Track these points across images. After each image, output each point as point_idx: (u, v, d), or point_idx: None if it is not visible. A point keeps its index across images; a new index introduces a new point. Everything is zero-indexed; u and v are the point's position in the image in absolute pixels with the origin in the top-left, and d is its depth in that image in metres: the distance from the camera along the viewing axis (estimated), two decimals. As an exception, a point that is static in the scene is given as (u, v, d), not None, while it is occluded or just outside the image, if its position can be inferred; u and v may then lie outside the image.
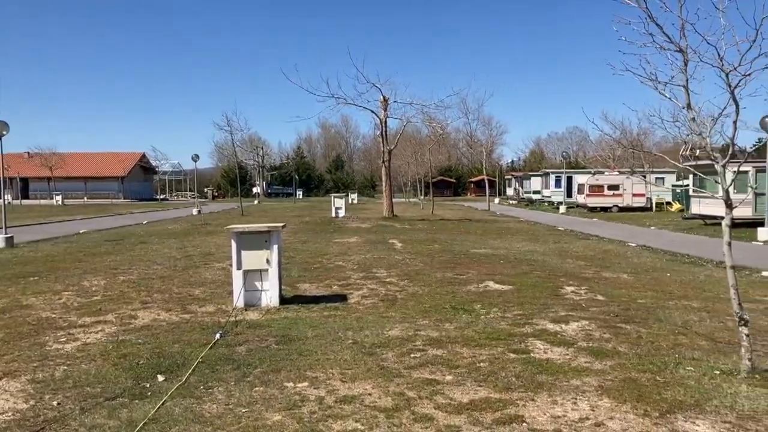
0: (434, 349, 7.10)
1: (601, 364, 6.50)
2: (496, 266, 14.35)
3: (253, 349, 7.18)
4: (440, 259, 15.69)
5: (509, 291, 11.00)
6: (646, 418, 4.97)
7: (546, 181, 55.08)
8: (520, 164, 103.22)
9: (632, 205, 42.40)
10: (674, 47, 5.95)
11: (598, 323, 8.42)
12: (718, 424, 4.84)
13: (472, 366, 6.43)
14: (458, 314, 9.03)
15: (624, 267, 14.54)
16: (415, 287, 11.44)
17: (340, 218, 34.69)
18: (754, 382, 5.77)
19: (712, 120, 6.40)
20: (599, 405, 5.28)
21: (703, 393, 5.52)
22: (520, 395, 5.53)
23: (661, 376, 6.05)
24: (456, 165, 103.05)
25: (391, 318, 8.81)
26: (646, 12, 5.85)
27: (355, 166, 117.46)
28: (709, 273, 13.49)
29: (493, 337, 7.63)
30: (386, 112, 34.86)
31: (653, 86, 6.32)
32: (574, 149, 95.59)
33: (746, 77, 5.80)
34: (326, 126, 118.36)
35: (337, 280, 12.36)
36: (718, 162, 6.30)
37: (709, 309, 9.42)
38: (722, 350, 6.98)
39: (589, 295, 10.62)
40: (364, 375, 6.16)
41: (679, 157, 9.65)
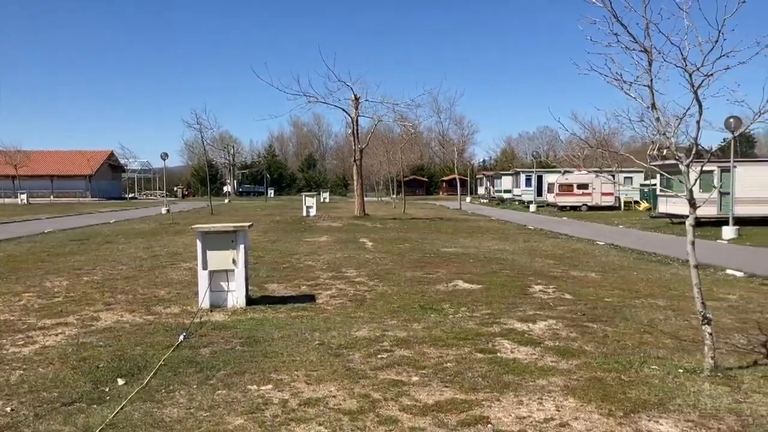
0: (401, 350, 7.04)
1: (567, 363, 6.51)
2: (466, 265, 14.36)
3: (217, 351, 7.05)
4: (410, 259, 15.65)
5: (478, 290, 11.00)
6: (610, 418, 4.97)
7: (517, 180, 55.46)
8: (491, 163, 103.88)
9: (601, 204, 42.89)
10: (639, 47, 5.97)
11: (565, 322, 8.45)
12: (681, 423, 4.86)
13: (439, 366, 6.39)
14: (427, 314, 8.99)
15: (592, 266, 14.65)
16: (385, 287, 11.38)
17: (311, 217, 34.50)
18: (717, 381, 5.82)
19: (676, 120, 6.44)
20: (564, 405, 5.27)
21: (667, 392, 5.55)
22: (485, 396, 5.50)
23: (626, 375, 6.08)
24: (428, 164, 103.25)
25: (359, 318, 8.74)
26: (611, 12, 5.86)
27: (327, 165, 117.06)
28: (675, 271, 13.66)
29: (460, 336, 7.60)
30: (357, 111, 34.75)
31: (619, 86, 6.33)
32: (545, 149, 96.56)
33: (709, 77, 5.84)
34: (298, 124, 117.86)
35: (306, 280, 12.24)
36: (682, 162, 6.34)
37: (675, 307, 9.52)
38: (686, 349, 7.04)
39: (557, 294, 10.66)
40: (330, 377, 6.07)
41: (647, 156, 9.71)
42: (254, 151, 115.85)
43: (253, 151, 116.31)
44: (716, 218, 24.43)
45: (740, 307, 9.68)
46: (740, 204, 24.24)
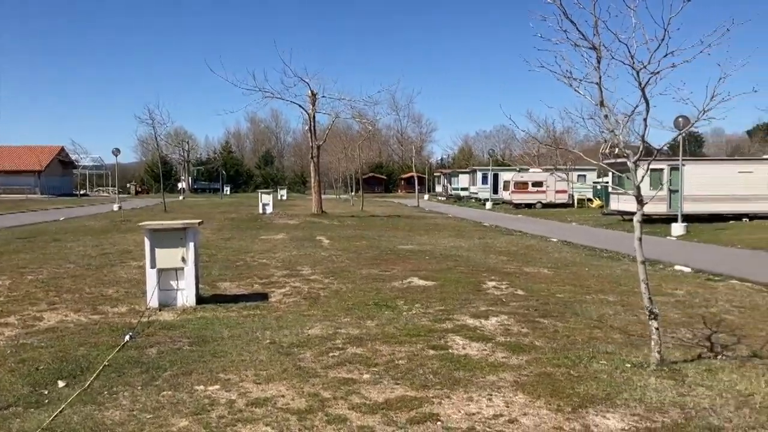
0: (354, 348, 6.98)
1: (517, 359, 6.54)
2: (422, 262, 14.38)
3: (164, 351, 6.87)
4: (367, 256, 15.60)
5: (432, 287, 11.01)
6: (558, 413, 5.00)
7: (474, 178, 55.96)
8: (449, 161, 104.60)
9: (555, 201, 43.59)
10: (588, 44, 6.02)
11: (517, 318, 8.51)
12: (627, 417, 4.92)
13: (391, 364, 6.35)
14: (381, 311, 8.95)
15: (545, 262, 14.83)
16: (340, 284, 11.30)
17: (268, 215, 34.17)
18: (663, 375, 5.92)
19: (624, 117, 6.53)
20: (514, 401, 5.29)
21: (615, 386, 5.61)
22: (436, 393, 5.48)
23: (575, 370, 6.13)
24: (387, 162, 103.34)
25: (312, 316, 8.64)
26: (561, 9, 5.89)
27: (285, 162, 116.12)
28: (625, 267, 13.91)
29: (413, 333, 7.58)
30: (315, 107, 34.55)
31: (568, 83, 6.38)
32: (501, 147, 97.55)
33: (655, 75, 5.93)
34: (255, 120, 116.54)
35: (259, 278, 12.08)
36: (630, 159, 6.43)
37: (624, 303, 9.69)
38: (634, 343, 7.15)
39: (509, 290, 10.75)
40: (279, 376, 5.97)
41: (599, 155, 9.87)
42: (210, 148, 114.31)
43: (209, 147, 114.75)
44: (666, 215, 25.05)
45: (687, 302, 9.90)
46: (688, 201, 24.89)
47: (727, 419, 4.85)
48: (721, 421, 4.82)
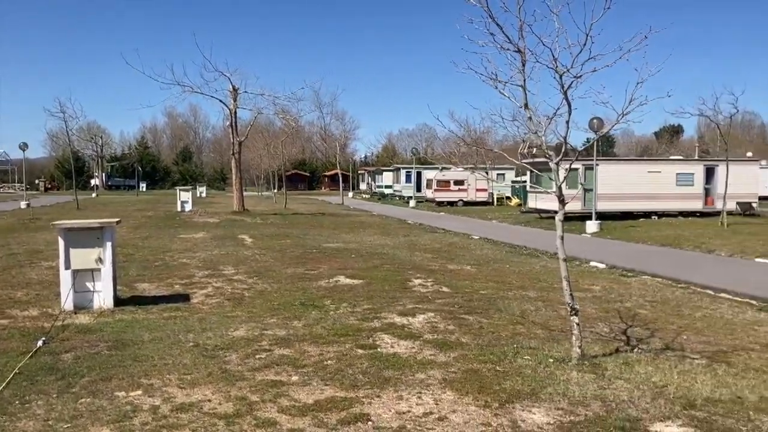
0: (281, 349, 6.88)
1: (445, 356, 6.62)
2: (348, 260, 14.36)
3: (81, 356, 6.56)
4: (291, 255, 15.43)
5: (359, 285, 11.00)
6: (486, 409, 5.09)
7: (397, 176, 56.38)
8: (373, 159, 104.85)
9: (476, 199, 44.49)
10: (513, 47, 6.15)
11: (443, 315, 8.61)
12: (552, 411, 5.06)
13: (319, 364, 6.29)
14: (308, 311, 8.86)
15: (468, 259, 15.11)
16: (264, 284, 11.12)
17: (187, 212, 33.28)
18: (584, 369, 6.13)
19: (547, 119, 6.71)
20: (443, 398, 5.35)
21: (539, 381, 5.77)
22: (366, 392, 5.47)
23: (501, 366, 6.27)
24: (310, 159, 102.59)
25: (236, 318, 8.46)
26: (488, 12, 5.99)
27: (204, 158, 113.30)
28: (544, 264, 14.35)
29: (341, 333, 7.55)
30: (236, 103, 33.90)
31: (494, 85, 6.50)
32: (424, 146, 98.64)
33: (577, 79, 6.12)
34: (173, 115, 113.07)
35: (180, 278, 11.73)
36: (553, 160, 6.62)
37: (545, 298, 9.98)
38: (556, 338, 7.38)
39: (435, 287, 10.88)
40: (205, 380, 5.81)
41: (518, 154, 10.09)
42: (125, 143, 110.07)
43: (124, 142, 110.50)
44: (581, 213, 25.98)
45: (603, 297, 10.31)
46: (602, 200, 25.95)
47: (645, 410, 5.07)
48: (639, 412, 5.04)
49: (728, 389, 5.61)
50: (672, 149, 75.18)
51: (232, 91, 33.61)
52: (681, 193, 28.56)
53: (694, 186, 28.82)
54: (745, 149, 59.91)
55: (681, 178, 28.73)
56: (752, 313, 9.24)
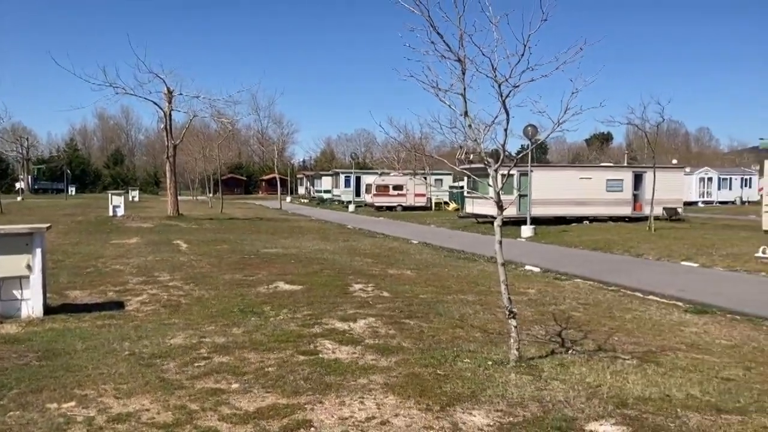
0: (220, 356, 6.78)
1: (386, 360, 6.66)
2: (287, 266, 14.25)
3: (9, 367, 6.28)
4: (229, 260, 15.20)
5: (299, 291, 10.94)
6: (428, 413, 5.15)
7: (336, 180, 56.32)
8: (311, 163, 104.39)
9: (414, 204, 44.89)
10: (454, 56, 6.26)
11: (384, 320, 8.66)
12: (492, 413, 5.17)
13: (260, 371, 6.23)
14: (247, 317, 8.75)
15: (408, 263, 15.23)
16: (202, 291, 10.92)
17: (119, 217, 32.29)
18: (522, 371, 6.28)
19: (485, 127, 6.85)
20: (385, 403, 5.38)
21: (479, 384, 5.88)
22: (308, 399, 5.45)
23: (442, 369, 6.35)
24: (247, 162, 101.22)
25: (173, 325, 8.28)
26: (429, 21, 6.09)
27: (137, 161, 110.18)
28: (481, 268, 14.62)
29: (282, 339, 7.49)
30: (171, 105, 33.14)
31: (434, 93, 6.60)
32: (363, 150, 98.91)
33: (515, 88, 6.29)
34: (104, 117, 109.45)
35: (113, 285, 11.39)
36: (491, 166, 6.76)
37: (483, 302, 10.17)
38: (494, 341, 7.53)
39: (375, 292, 10.93)
40: (142, 389, 5.67)
41: (456, 160, 10.26)
42: (53, 145, 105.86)
43: (52, 144, 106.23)
44: (516, 218, 26.56)
45: (538, 300, 10.58)
46: (536, 205, 26.64)
47: (580, 410, 5.24)
48: (575, 412, 5.20)
49: (657, 388, 5.86)
50: (602, 156, 77.91)
51: (166, 93, 32.86)
52: (611, 199, 29.60)
53: (623, 192, 29.92)
54: (671, 157, 62.68)
55: (611, 184, 29.79)
56: (678, 314, 9.66)
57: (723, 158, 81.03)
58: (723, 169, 55.21)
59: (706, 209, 43.84)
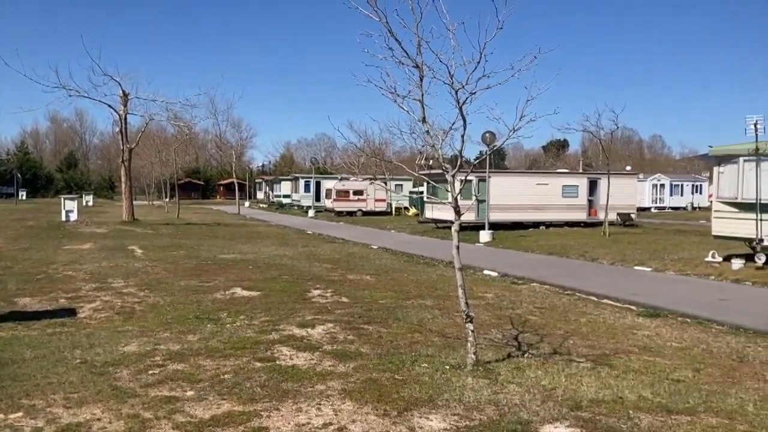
0: (175, 364, 6.67)
1: (344, 366, 6.64)
2: (245, 272, 14.11)
3: (-49, 378, 6.07)
4: (185, 266, 14.97)
5: (257, 297, 10.84)
6: (385, 418, 5.16)
7: (296, 185, 55.99)
8: (270, 168, 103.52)
9: (375, 209, 44.91)
10: (411, 63, 6.30)
11: (342, 325, 8.64)
12: (449, 417, 5.20)
13: (216, 378, 6.15)
14: (203, 324, 8.63)
15: (367, 269, 15.23)
16: (157, 297, 10.73)
17: (72, 222, 31.52)
18: (478, 374, 6.33)
19: (443, 133, 6.91)
20: (342, 408, 5.36)
21: (436, 388, 5.91)
22: (264, 405, 5.40)
23: (400, 374, 6.37)
24: (205, 167, 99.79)
25: (127, 332, 8.11)
26: (387, 27, 6.11)
27: (91, 165, 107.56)
28: (440, 273, 14.70)
29: (238, 346, 7.41)
30: (126, 108, 32.56)
31: (392, 99, 6.63)
32: (323, 155, 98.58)
33: (472, 95, 6.36)
34: (57, 120, 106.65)
35: (65, 292, 11.10)
36: (449, 172, 6.82)
37: (441, 306, 10.23)
38: (452, 345, 7.58)
39: (334, 298, 10.89)
40: (94, 398, 5.54)
41: (415, 166, 10.33)
42: (2, 148, 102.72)
43: (1, 147, 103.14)
44: (474, 223, 26.82)
45: (496, 304, 10.69)
46: (494, 210, 26.93)
47: (535, 413, 5.31)
48: (530, 414, 5.27)
49: (611, 390, 5.97)
50: (558, 162, 79.28)
51: (122, 96, 32.28)
52: (567, 204, 30.12)
53: (578, 198, 30.48)
54: (624, 163, 64.03)
55: (567, 190, 30.31)
56: (631, 317, 9.88)
57: (675, 165, 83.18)
58: (675, 176, 56.68)
59: (659, 215, 44.97)
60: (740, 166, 15.47)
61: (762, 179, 14.78)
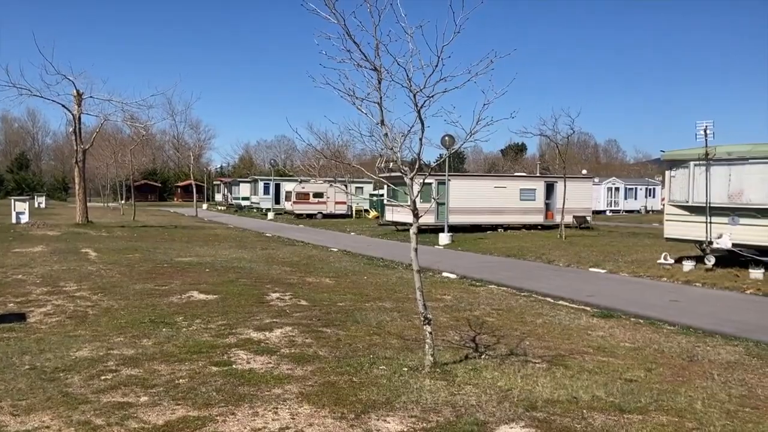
0: (129, 369, 6.53)
1: (302, 370, 6.61)
2: (202, 275, 13.91)
3: None
4: (140, 270, 14.70)
5: (214, 300, 10.70)
6: (342, 421, 5.14)
7: (255, 187, 55.49)
8: (229, 170, 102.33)
9: (335, 212, 44.81)
10: (370, 65, 6.31)
11: (301, 328, 8.59)
12: (406, 419, 5.22)
13: (170, 383, 6.05)
14: (158, 328, 8.48)
15: (326, 271, 15.17)
16: (111, 301, 10.51)
17: (23, 224, 30.63)
18: (436, 376, 6.37)
19: (402, 136, 6.94)
20: (299, 412, 5.33)
21: (394, 390, 5.92)
22: (220, 410, 5.33)
23: (358, 377, 6.36)
24: (162, 168, 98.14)
25: (79, 337, 7.92)
26: (345, 29, 6.11)
27: (43, 166, 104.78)
28: (400, 275, 14.74)
29: (194, 350, 7.30)
30: (80, 108, 31.81)
31: (351, 101, 6.63)
32: (283, 157, 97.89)
33: (430, 99, 6.40)
34: (7, 119, 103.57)
35: (14, 296, 10.78)
36: (408, 175, 6.85)
37: (400, 309, 10.26)
38: (410, 347, 7.61)
39: (293, 301, 10.82)
40: (43, 405, 5.39)
41: (375, 168, 10.34)
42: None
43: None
44: (434, 226, 27.00)
45: (454, 306, 10.77)
46: (454, 213, 27.14)
47: (491, 413, 5.36)
48: (486, 415, 5.32)
49: (565, 390, 6.07)
50: (516, 166, 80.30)
51: (76, 95, 31.53)
52: (524, 208, 30.55)
53: (536, 201, 30.94)
54: (580, 167, 65.30)
55: (524, 193, 30.74)
56: (586, 318, 10.06)
57: (629, 169, 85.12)
58: (629, 180, 58.03)
59: (614, 218, 45.95)
60: (691, 171, 15.92)
61: (711, 183, 15.23)
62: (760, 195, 14.43)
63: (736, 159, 14.90)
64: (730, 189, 15.04)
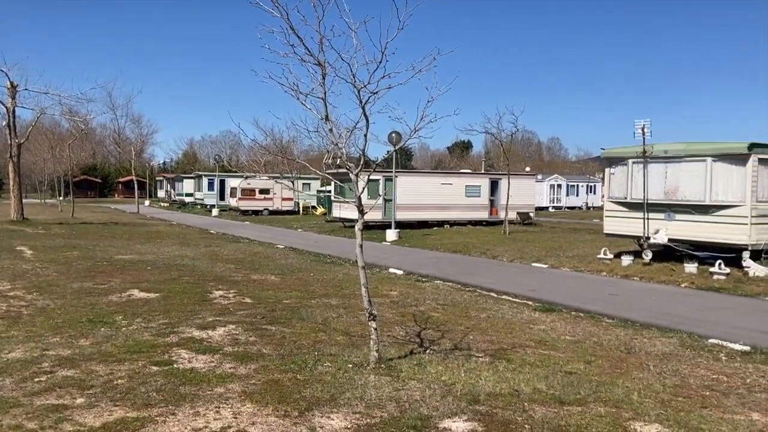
0: (64, 370, 6.33)
1: (245, 368, 6.52)
2: (143, 273, 13.58)
3: None
4: (79, 268, 14.25)
5: (155, 299, 10.47)
6: (286, 419, 5.10)
7: (199, 183, 54.55)
8: (172, 165, 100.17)
9: (282, 208, 44.46)
10: (314, 60, 6.26)
11: (244, 326, 8.48)
12: (350, 416, 5.21)
13: (109, 384, 5.88)
14: (96, 328, 8.24)
15: (272, 268, 15.03)
16: (47, 300, 10.15)
17: (-47, 222, 29.32)
18: (381, 372, 6.38)
19: (347, 132, 6.92)
20: (242, 411, 5.26)
21: (338, 387, 5.90)
22: (160, 411, 5.21)
23: (302, 374, 6.32)
24: (102, 164, 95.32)
25: (12, 338, 7.63)
26: (288, 23, 6.05)
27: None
28: (346, 272, 14.71)
29: (134, 350, 7.12)
30: (15, 101, 30.61)
31: (295, 96, 6.57)
32: (228, 153, 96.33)
33: (374, 95, 6.40)
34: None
35: (-59, 296, 10.31)
36: (353, 171, 6.84)
37: (346, 305, 10.24)
38: (356, 344, 7.60)
39: (237, 299, 10.68)
40: (-29, 410, 5.16)
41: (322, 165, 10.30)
42: None
43: None
44: (381, 222, 27.07)
45: (400, 302, 10.82)
46: (401, 210, 27.26)
47: (435, 408, 5.41)
48: (430, 410, 5.36)
49: (507, 384, 6.17)
50: (462, 163, 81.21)
51: (9, 87, 30.34)
52: (470, 204, 30.94)
53: (481, 197, 31.38)
54: (524, 164, 66.54)
55: (470, 190, 31.14)
56: (528, 312, 10.25)
57: (571, 167, 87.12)
58: (571, 177, 59.44)
59: (556, 214, 47.02)
60: (629, 168, 16.40)
61: (649, 180, 15.72)
62: (695, 191, 14.97)
63: (672, 157, 15.42)
64: (666, 186, 15.56)
